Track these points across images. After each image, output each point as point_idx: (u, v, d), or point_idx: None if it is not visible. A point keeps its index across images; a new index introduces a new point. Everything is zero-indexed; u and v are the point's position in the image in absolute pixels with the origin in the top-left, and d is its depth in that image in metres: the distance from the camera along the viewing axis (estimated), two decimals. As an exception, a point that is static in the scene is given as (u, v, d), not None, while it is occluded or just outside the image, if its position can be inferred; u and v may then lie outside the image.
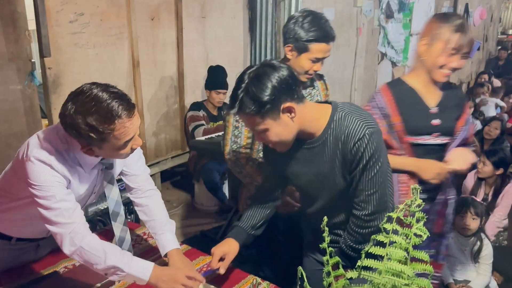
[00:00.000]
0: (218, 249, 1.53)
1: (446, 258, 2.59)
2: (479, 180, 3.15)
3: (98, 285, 1.48)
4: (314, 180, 1.46)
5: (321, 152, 1.41)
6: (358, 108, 1.43)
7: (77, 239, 1.32)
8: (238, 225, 1.61)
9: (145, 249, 1.78)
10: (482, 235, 2.57)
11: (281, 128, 1.34)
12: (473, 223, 2.51)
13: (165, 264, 1.57)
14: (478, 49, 7.80)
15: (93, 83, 1.27)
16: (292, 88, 1.31)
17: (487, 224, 2.93)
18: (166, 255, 1.56)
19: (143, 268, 1.37)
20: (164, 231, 1.59)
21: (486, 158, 3.06)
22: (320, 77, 2.13)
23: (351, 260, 1.42)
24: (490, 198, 3.08)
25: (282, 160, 1.51)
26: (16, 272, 1.58)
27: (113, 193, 1.53)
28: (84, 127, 1.21)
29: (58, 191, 1.31)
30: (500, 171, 3.06)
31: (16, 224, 1.53)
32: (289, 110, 1.32)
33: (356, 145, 1.33)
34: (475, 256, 2.53)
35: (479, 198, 3.02)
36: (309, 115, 1.38)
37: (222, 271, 1.50)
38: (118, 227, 1.56)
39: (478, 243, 2.53)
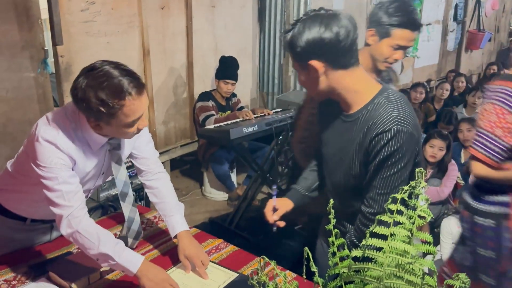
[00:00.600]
0: (272, 201, 1.55)
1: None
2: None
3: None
4: (336, 153, 1.44)
5: (350, 129, 1.37)
6: (402, 101, 1.33)
7: (74, 223, 1.35)
8: (293, 187, 1.63)
9: (155, 232, 1.83)
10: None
11: (306, 78, 1.34)
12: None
13: (175, 246, 1.62)
14: (490, 40, 7.71)
15: (105, 60, 1.30)
16: (325, 49, 1.26)
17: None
18: (175, 237, 1.60)
19: (133, 261, 1.38)
20: (174, 213, 1.63)
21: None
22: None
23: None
24: None
25: (326, 122, 1.49)
26: (31, 251, 1.64)
27: (121, 174, 1.55)
28: (94, 100, 1.24)
29: (61, 173, 1.34)
30: None
31: (30, 205, 1.57)
32: (315, 69, 1.29)
33: (378, 137, 1.27)
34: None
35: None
36: (352, 85, 1.33)
37: (275, 217, 1.52)
38: (127, 207, 1.59)
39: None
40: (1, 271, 1.51)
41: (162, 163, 4.09)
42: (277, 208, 1.53)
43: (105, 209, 2.70)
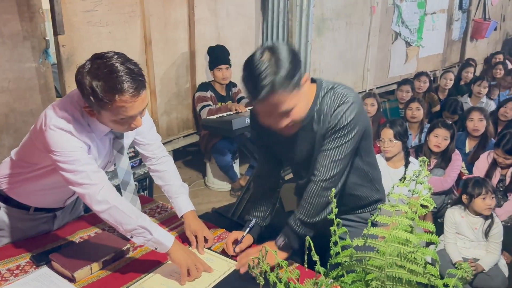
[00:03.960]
0: (238, 233, 1.61)
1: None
2: (495, 162, 3.09)
3: (112, 254, 1.53)
4: (306, 153, 1.50)
5: (309, 128, 1.44)
6: (342, 84, 1.46)
7: (111, 198, 1.37)
8: (251, 220, 1.67)
9: (157, 222, 1.82)
10: (493, 213, 2.58)
11: (304, 101, 1.37)
12: (493, 202, 2.53)
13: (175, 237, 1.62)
14: (495, 29, 7.62)
15: (118, 53, 1.29)
16: (299, 61, 1.33)
17: (501, 210, 2.91)
18: (182, 217, 1.68)
19: (167, 237, 1.44)
20: (179, 194, 1.71)
21: (505, 153, 2.95)
22: None
23: (300, 237, 1.45)
24: (508, 179, 3.01)
25: (274, 141, 1.55)
26: (33, 241, 1.64)
27: (123, 163, 1.58)
28: (88, 88, 1.25)
29: (81, 155, 1.35)
30: None
31: (34, 193, 1.58)
32: (305, 80, 1.35)
33: (338, 109, 1.38)
34: (486, 233, 2.54)
35: (495, 180, 2.99)
36: (303, 93, 1.38)
37: (237, 250, 1.57)
38: (128, 196, 1.61)
39: (490, 221, 2.54)
40: (4, 260, 1.52)
41: (165, 153, 4.02)
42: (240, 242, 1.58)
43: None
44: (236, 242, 1.59)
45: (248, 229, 1.63)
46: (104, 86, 1.23)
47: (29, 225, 1.65)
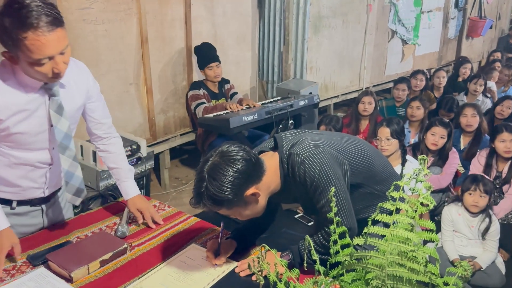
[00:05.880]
0: (215, 242, 1.55)
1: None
2: (491, 158, 3.09)
3: (110, 253, 1.52)
4: (303, 199, 1.49)
5: (290, 191, 1.43)
6: (295, 137, 1.44)
7: None
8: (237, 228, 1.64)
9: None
10: (490, 212, 2.58)
11: (250, 210, 1.36)
12: (481, 200, 2.51)
13: (176, 234, 1.60)
14: (491, 27, 7.63)
15: None
16: (251, 174, 1.30)
17: (497, 207, 2.91)
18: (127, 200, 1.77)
19: None
20: (127, 178, 1.77)
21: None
22: None
23: (302, 264, 1.40)
24: (504, 174, 3.00)
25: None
26: (30, 240, 1.62)
27: (61, 124, 1.47)
28: None
29: None
30: None
31: (6, 183, 1.53)
32: (253, 195, 1.33)
33: (300, 173, 1.35)
34: (483, 233, 2.55)
35: (492, 175, 3.00)
36: (270, 177, 1.38)
37: (217, 262, 1.50)
38: (66, 160, 1.53)
39: (487, 220, 2.54)
40: (0, 260, 1.50)
41: (162, 152, 4.04)
42: (221, 251, 1.52)
43: (104, 198, 2.69)
44: (216, 252, 1.52)
45: (220, 234, 1.55)
46: (14, 21, 1.20)
47: (17, 221, 1.59)
